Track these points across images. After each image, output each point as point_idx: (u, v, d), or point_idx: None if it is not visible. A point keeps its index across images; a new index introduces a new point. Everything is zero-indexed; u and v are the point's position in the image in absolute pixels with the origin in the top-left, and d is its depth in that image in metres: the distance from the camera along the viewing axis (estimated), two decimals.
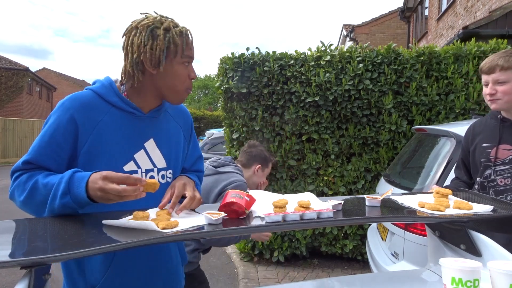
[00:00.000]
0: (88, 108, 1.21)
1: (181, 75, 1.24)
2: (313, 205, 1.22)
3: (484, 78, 1.78)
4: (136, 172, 1.25)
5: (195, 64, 1.32)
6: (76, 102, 1.21)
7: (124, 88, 1.29)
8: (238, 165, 2.24)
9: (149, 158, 1.28)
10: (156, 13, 1.29)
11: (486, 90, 1.76)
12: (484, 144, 1.81)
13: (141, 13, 1.28)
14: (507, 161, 1.72)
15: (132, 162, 1.25)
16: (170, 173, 1.34)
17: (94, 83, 1.31)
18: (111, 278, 1.22)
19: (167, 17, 1.27)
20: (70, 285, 1.26)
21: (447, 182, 2.27)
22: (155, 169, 1.29)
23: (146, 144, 1.28)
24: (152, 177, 1.28)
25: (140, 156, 1.26)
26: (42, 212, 1.16)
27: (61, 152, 1.19)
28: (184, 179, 1.31)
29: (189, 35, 1.25)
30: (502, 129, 1.77)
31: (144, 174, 1.26)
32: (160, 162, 1.31)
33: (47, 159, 1.18)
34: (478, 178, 1.81)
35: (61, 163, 1.19)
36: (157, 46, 1.19)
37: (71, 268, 1.26)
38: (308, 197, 1.38)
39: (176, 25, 1.24)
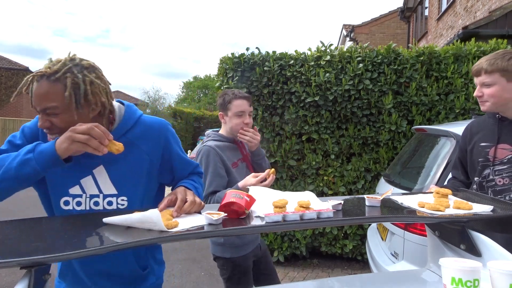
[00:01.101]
0: (37, 137, 1.30)
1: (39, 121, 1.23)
2: (313, 205, 1.22)
3: (474, 79, 1.81)
4: (80, 196, 1.30)
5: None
6: (29, 130, 1.31)
7: None
8: (217, 130, 2.30)
9: (96, 184, 1.32)
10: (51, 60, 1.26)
11: (475, 92, 1.79)
12: (482, 144, 1.80)
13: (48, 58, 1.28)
14: (505, 160, 1.72)
15: (77, 186, 1.30)
16: (122, 199, 1.34)
17: None
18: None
19: (51, 60, 1.26)
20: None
21: (447, 181, 2.27)
22: (101, 195, 1.32)
23: (94, 171, 1.32)
24: (96, 203, 1.31)
25: (86, 181, 1.31)
26: None
27: None
28: (183, 187, 1.36)
29: (26, 82, 1.19)
30: (500, 129, 1.76)
31: (88, 199, 1.31)
32: (109, 188, 1.33)
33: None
34: (476, 178, 1.80)
35: None
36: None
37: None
38: (308, 196, 1.38)
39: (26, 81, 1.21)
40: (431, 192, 1.43)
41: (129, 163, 1.34)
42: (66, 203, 1.29)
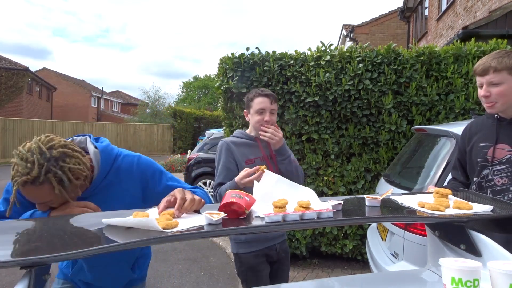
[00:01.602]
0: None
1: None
2: (313, 205, 1.22)
3: (478, 79, 1.75)
4: None
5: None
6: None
7: None
8: (239, 130, 2.34)
9: None
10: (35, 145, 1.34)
11: (480, 92, 1.74)
12: (481, 144, 1.79)
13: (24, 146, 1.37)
14: (504, 160, 1.71)
15: None
16: None
17: None
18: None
19: (24, 159, 1.32)
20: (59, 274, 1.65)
21: (447, 182, 2.27)
22: None
23: None
24: None
25: None
26: None
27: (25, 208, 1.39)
28: (180, 187, 1.39)
29: (16, 188, 1.27)
30: (499, 129, 1.76)
31: None
32: None
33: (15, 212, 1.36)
34: (475, 178, 1.80)
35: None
36: None
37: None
38: (308, 194, 1.38)
39: (16, 171, 1.28)
40: (431, 192, 1.43)
41: (111, 202, 1.45)
42: None
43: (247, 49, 4.29)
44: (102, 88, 37.00)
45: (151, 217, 1.03)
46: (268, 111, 2.16)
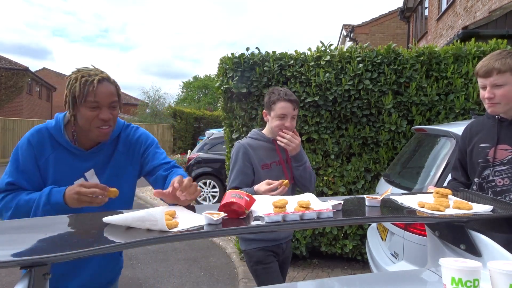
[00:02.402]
0: (42, 144, 1.53)
1: (87, 117, 1.48)
2: (313, 205, 1.22)
3: (480, 81, 1.74)
4: None
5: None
6: (35, 137, 1.53)
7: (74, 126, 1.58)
8: (255, 130, 2.29)
9: None
10: (87, 67, 1.56)
11: (483, 94, 1.73)
12: (482, 145, 1.79)
13: (76, 68, 1.56)
14: (505, 161, 1.71)
15: None
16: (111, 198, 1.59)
17: (56, 117, 1.61)
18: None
19: (89, 68, 1.54)
20: None
21: (447, 182, 2.27)
22: None
23: (86, 174, 1.56)
24: None
25: (79, 182, 1.53)
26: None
27: (32, 175, 1.50)
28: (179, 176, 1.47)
29: (94, 84, 1.45)
30: (500, 129, 1.75)
31: None
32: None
33: (25, 181, 1.49)
34: (476, 179, 1.80)
35: (36, 181, 1.50)
36: (66, 95, 1.51)
37: None
38: (308, 197, 1.38)
39: (87, 75, 1.48)
40: (431, 192, 1.43)
41: (114, 169, 1.60)
42: None
43: (247, 49, 4.29)
44: None
45: (151, 210, 1.02)
46: (289, 116, 2.10)
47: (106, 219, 1.07)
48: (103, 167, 1.59)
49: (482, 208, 1.23)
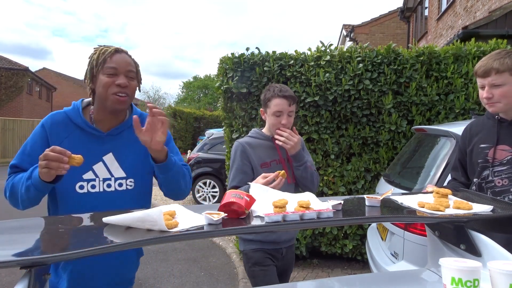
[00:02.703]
0: (57, 126, 1.51)
1: (105, 83, 1.47)
2: (313, 205, 1.22)
3: (479, 81, 1.74)
4: (94, 180, 1.50)
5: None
6: (49, 120, 1.52)
7: (92, 108, 1.57)
8: (255, 129, 2.24)
9: (107, 168, 1.52)
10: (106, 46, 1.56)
11: (482, 93, 1.73)
12: (481, 145, 1.79)
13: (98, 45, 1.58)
14: (505, 161, 1.71)
15: (90, 172, 1.50)
16: (130, 181, 1.55)
17: (72, 103, 1.60)
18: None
19: (109, 46, 1.55)
20: None
21: (447, 182, 2.27)
22: (112, 178, 1.52)
23: (104, 157, 1.52)
24: (109, 185, 1.52)
25: (98, 167, 1.51)
26: (18, 203, 1.44)
27: (37, 159, 1.39)
28: None
29: (111, 52, 1.49)
30: (499, 130, 1.75)
31: (101, 182, 1.50)
32: (118, 172, 1.53)
33: (28, 164, 1.44)
34: (475, 179, 1.79)
35: None
36: (86, 71, 1.52)
37: None
38: (308, 197, 1.38)
39: (105, 48, 1.52)
40: (431, 192, 1.43)
41: (133, 150, 1.55)
42: (81, 187, 1.48)
43: (247, 49, 4.29)
44: None
45: (149, 211, 1.02)
46: (286, 113, 2.03)
47: (106, 219, 1.07)
48: (123, 151, 1.55)
49: (482, 208, 1.23)
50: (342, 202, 1.25)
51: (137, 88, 1.58)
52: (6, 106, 22.45)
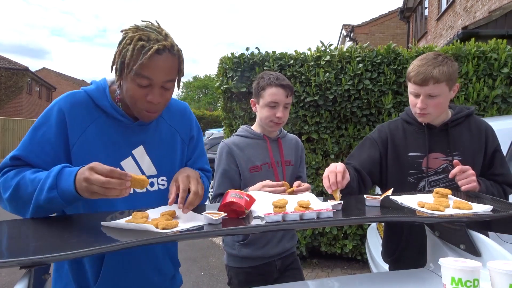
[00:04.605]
0: (78, 109, 1.19)
1: (134, 94, 1.15)
2: (313, 205, 1.22)
3: (414, 88, 1.58)
4: None
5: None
6: (68, 102, 1.19)
7: (118, 91, 1.25)
8: (244, 126, 1.99)
9: (138, 165, 1.26)
10: (150, 23, 1.20)
11: (415, 101, 1.60)
12: (411, 154, 1.67)
13: (142, 20, 1.22)
14: (440, 170, 1.62)
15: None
16: (162, 179, 1.30)
17: (91, 83, 1.28)
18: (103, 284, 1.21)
19: (151, 29, 1.17)
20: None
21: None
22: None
23: (134, 152, 1.25)
24: None
25: (127, 163, 1.23)
26: (26, 210, 1.11)
27: (51, 150, 1.15)
28: (187, 171, 1.24)
29: (151, 54, 1.10)
30: (429, 137, 1.65)
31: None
32: (150, 169, 1.28)
33: (35, 157, 1.15)
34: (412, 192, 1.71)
35: (52, 160, 1.14)
36: (115, 56, 1.16)
37: (63, 272, 1.26)
38: (308, 197, 1.38)
39: (146, 39, 1.13)
40: (431, 192, 1.43)
41: (165, 143, 1.31)
42: None
43: (247, 49, 4.29)
44: None
45: (149, 225, 1.01)
46: (282, 105, 1.77)
47: (105, 223, 1.06)
48: (155, 144, 1.29)
49: (482, 208, 1.23)
50: (342, 202, 1.25)
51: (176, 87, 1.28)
52: (6, 106, 22.45)
